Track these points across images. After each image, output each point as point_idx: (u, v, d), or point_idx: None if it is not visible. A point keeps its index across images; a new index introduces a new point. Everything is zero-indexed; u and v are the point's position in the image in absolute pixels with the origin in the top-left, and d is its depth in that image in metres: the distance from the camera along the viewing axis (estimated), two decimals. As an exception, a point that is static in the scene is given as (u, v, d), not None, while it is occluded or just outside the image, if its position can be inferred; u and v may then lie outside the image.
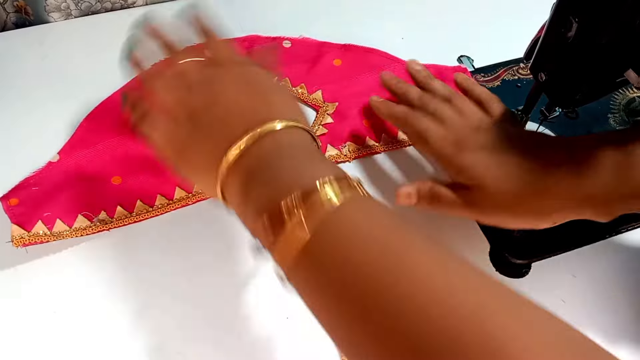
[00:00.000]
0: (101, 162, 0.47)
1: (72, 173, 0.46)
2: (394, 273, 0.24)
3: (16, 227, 0.41)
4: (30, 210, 0.42)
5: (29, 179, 0.45)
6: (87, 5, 0.60)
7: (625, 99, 0.55)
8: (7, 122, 0.51)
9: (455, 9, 0.63)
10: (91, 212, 0.43)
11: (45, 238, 0.41)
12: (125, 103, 0.37)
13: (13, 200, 0.43)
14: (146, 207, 0.45)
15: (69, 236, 0.42)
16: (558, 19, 0.36)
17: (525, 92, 0.46)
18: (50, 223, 0.42)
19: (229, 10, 0.62)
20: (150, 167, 0.46)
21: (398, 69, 0.55)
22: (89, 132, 0.48)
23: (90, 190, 0.45)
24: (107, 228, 0.43)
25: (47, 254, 0.42)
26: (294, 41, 0.57)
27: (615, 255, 0.44)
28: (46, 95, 0.53)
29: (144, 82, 0.36)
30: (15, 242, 0.41)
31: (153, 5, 0.62)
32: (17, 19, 0.60)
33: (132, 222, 0.44)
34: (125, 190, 0.45)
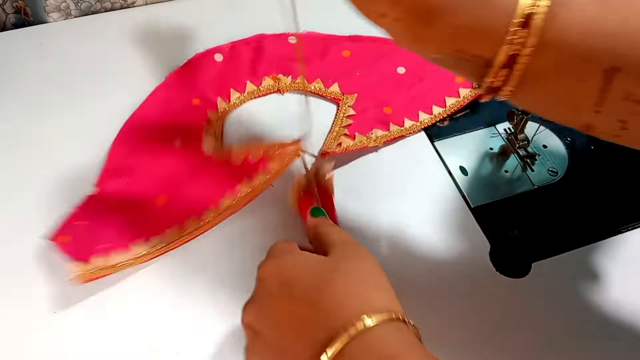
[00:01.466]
0: (141, 186, 0.45)
1: (114, 202, 0.44)
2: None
3: (75, 264, 0.40)
4: (84, 246, 0.41)
5: (72, 216, 0.43)
6: (87, 5, 0.60)
7: (625, 99, 0.55)
8: (7, 122, 0.51)
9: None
10: (145, 238, 0.42)
11: (105, 271, 0.40)
12: None
13: (64, 239, 0.41)
14: (196, 223, 0.43)
15: (128, 266, 0.41)
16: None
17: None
18: (107, 254, 0.41)
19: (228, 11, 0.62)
20: (191, 182, 0.45)
21: (403, 53, 0.55)
22: (121, 158, 0.47)
23: (137, 216, 0.43)
24: (164, 251, 0.42)
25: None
26: (299, 36, 0.57)
27: (615, 255, 0.44)
28: (46, 95, 0.53)
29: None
30: (77, 280, 0.39)
31: (153, 5, 0.62)
32: (17, 20, 0.60)
33: (186, 241, 0.43)
34: (173, 209, 0.44)
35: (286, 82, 0.53)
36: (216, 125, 0.49)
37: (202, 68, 0.53)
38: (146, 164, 0.46)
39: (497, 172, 0.49)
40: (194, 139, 0.48)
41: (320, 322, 0.28)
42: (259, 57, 0.54)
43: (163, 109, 0.50)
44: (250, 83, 0.53)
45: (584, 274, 0.43)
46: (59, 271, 0.40)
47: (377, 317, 0.27)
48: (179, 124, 0.49)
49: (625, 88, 0.27)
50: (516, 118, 0.48)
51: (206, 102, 0.51)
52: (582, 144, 0.51)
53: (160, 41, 0.58)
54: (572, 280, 0.43)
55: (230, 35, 0.58)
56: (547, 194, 0.48)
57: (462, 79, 0.54)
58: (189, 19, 0.61)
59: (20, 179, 0.47)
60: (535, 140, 0.51)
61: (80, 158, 0.49)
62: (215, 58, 0.54)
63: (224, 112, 0.51)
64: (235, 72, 0.53)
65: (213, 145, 0.48)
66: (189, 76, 0.52)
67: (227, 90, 0.52)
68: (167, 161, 0.46)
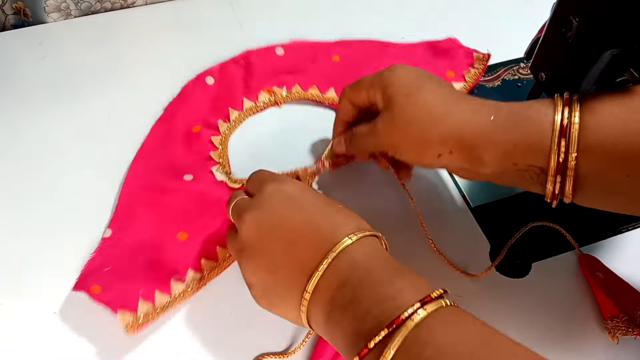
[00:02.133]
0: (159, 224, 0.44)
1: (134, 243, 0.43)
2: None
3: (123, 312, 0.38)
4: (123, 292, 0.39)
5: (92, 261, 0.41)
6: (87, 6, 0.60)
7: (625, 99, 0.55)
8: (7, 122, 0.51)
9: (455, 8, 0.63)
10: (180, 274, 0.41)
11: (154, 315, 0.39)
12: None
13: (95, 288, 0.39)
14: (227, 250, 0.42)
15: (172, 305, 0.39)
16: (558, 19, 0.36)
17: (525, 92, 0.46)
18: (150, 298, 0.39)
19: (228, 11, 0.62)
20: (209, 212, 0.44)
21: (391, 52, 0.56)
22: (132, 197, 0.45)
23: (165, 254, 0.42)
24: (203, 284, 0.41)
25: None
26: (286, 47, 0.57)
27: (615, 255, 0.44)
28: (46, 96, 0.53)
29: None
30: (130, 329, 0.37)
31: (153, 5, 0.62)
32: (16, 21, 0.60)
33: (221, 270, 0.42)
34: (198, 242, 0.43)
35: (282, 94, 0.53)
36: (222, 150, 0.49)
37: (196, 94, 0.52)
38: (158, 202, 0.45)
39: (497, 172, 0.49)
40: (202, 169, 0.47)
41: (306, 248, 0.33)
42: (250, 74, 0.54)
43: (166, 143, 0.49)
44: (247, 100, 0.52)
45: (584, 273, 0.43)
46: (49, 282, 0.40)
47: (354, 236, 0.32)
48: (185, 156, 0.48)
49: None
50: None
51: (207, 126, 0.50)
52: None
53: (161, 41, 0.58)
54: (572, 280, 0.43)
55: (230, 34, 0.58)
56: (547, 194, 0.48)
57: (453, 76, 0.54)
58: (189, 18, 0.61)
59: (20, 179, 0.47)
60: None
61: (80, 158, 0.49)
62: (207, 81, 0.53)
63: (226, 134, 0.50)
64: (230, 92, 0.53)
65: (224, 172, 0.47)
66: (185, 105, 0.52)
67: (225, 111, 0.51)
68: (180, 197, 0.45)
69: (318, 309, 0.31)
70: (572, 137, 0.33)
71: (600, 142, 0.33)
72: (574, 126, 0.33)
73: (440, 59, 0.55)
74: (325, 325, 0.31)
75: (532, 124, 0.34)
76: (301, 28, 0.59)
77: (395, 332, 0.27)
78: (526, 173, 0.36)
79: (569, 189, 0.34)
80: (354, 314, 0.29)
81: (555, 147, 0.33)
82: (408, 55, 0.56)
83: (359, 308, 0.29)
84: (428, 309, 0.27)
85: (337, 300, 0.30)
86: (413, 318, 0.27)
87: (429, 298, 0.28)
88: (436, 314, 0.27)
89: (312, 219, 0.34)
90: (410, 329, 0.27)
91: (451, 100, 0.37)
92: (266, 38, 0.57)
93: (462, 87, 0.53)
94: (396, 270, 0.31)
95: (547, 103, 0.35)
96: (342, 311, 0.30)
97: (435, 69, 0.54)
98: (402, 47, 0.57)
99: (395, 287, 0.29)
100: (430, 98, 0.37)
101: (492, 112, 0.36)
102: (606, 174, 0.33)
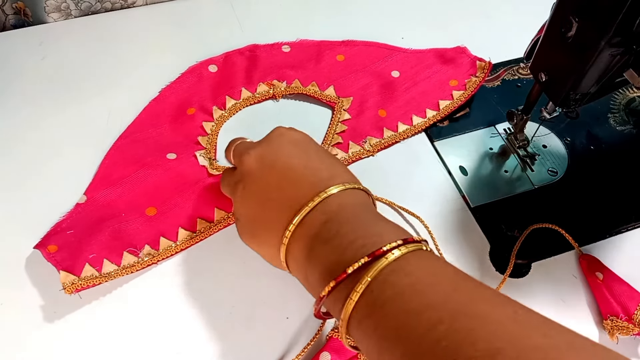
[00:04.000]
0: (132, 196, 0.45)
1: (104, 211, 0.44)
2: (461, 320, 0.24)
3: (65, 274, 0.39)
4: (73, 254, 0.40)
5: (60, 223, 0.43)
6: (87, 5, 0.60)
7: (625, 99, 0.55)
8: (7, 122, 0.51)
9: (455, 8, 0.63)
10: (135, 247, 0.42)
11: (96, 280, 0.39)
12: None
13: (52, 247, 0.41)
14: (189, 234, 0.43)
15: (119, 275, 0.40)
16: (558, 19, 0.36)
17: (525, 92, 0.46)
18: (98, 264, 0.40)
19: (228, 11, 0.62)
20: (183, 193, 0.45)
21: (398, 57, 0.56)
22: (113, 168, 0.46)
23: (128, 225, 0.43)
24: (155, 261, 0.42)
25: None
26: (293, 45, 0.57)
27: (616, 255, 0.44)
28: (46, 96, 0.53)
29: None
30: (68, 290, 0.38)
31: (153, 5, 0.62)
32: (16, 21, 0.60)
33: (178, 251, 0.43)
34: (164, 220, 0.44)
35: (281, 88, 0.53)
36: (210, 136, 0.49)
37: (196, 79, 0.53)
38: (137, 174, 0.46)
39: (497, 172, 0.49)
40: (187, 151, 0.48)
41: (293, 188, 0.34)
42: (253, 66, 0.54)
43: (157, 121, 0.50)
44: (245, 90, 0.53)
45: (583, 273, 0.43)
46: (52, 277, 0.40)
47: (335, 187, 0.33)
48: (172, 136, 0.49)
49: None
50: (516, 118, 0.48)
51: (201, 110, 0.51)
52: (582, 144, 0.51)
53: (161, 41, 0.58)
54: (572, 280, 0.43)
55: (230, 34, 0.59)
56: (547, 194, 0.48)
57: (455, 85, 0.54)
58: (189, 18, 0.61)
59: (19, 179, 0.47)
60: (535, 140, 0.51)
61: (80, 158, 0.49)
62: (210, 69, 0.54)
63: (219, 121, 0.50)
64: (230, 80, 0.53)
65: (207, 158, 0.48)
66: (183, 87, 0.52)
67: (222, 99, 0.52)
68: (158, 173, 0.46)
69: (300, 243, 0.32)
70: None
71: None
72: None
73: (446, 67, 0.55)
74: (305, 260, 0.32)
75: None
76: (301, 28, 0.59)
77: (374, 261, 0.28)
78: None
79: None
80: (336, 246, 0.30)
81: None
82: (414, 62, 0.56)
83: (342, 241, 0.30)
84: (409, 247, 0.28)
85: (321, 234, 0.31)
86: (393, 252, 0.28)
87: (411, 239, 0.29)
88: (415, 253, 0.28)
89: (312, 163, 0.35)
90: (390, 260, 0.27)
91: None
92: (266, 38, 0.57)
93: (460, 95, 0.53)
94: (382, 218, 0.33)
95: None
96: (324, 244, 0.31)
97: (439, 78, 0.55)
98: (411, 53, 0.57)
99: (379, 227, 0.31)
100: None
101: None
102: None
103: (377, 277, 0.27)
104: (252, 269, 0.42)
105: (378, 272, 0.27)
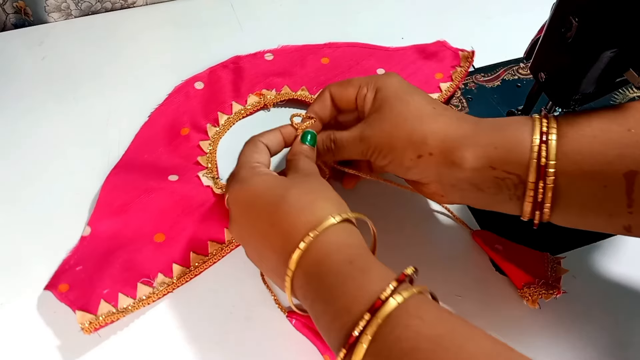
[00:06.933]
0: (138, 223, 0.43)
1: (111, 242, 0.42)
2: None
3: (81, 313, 0.37)
4: (86, 292, 0.39)
5: (68, 260, 0.41)
6: (87, 5, 0.60)
7: (625, 99, 0.55)
8: (7, 122, 0.51)
9: (455, 8, 0.63)
10: (148, 277, 0.40)
11: (114, 317, 0.38)
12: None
13: (63, 287, 0.39)
14: (202, 258, 0.42)
15: (135, 308, 0.39)
16: (558, 19, 0.36)
17: (525, 92, 0.46)
18: (113, 299, 0.38)
19: (228, 11, 0.62)
20: (190, 216, 0.44)
21: (381, 55, 0.57)
22: (114, 195, 0.45)
23: (137, 255, 0.41)
24: (171, 290, 0.40)
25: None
26: (275, 52, 0.57)
27: (615, 255, 0.44)
28: (46, 95, 0.53)
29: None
30: (86, 330, 0.37)
31: (153, 5, 0.62)
32: (17, 20, 0.60)
33: (192, 276, 0.41)
34: (174, 245, 0.42)
35: (271, 96, 0.53)
36: (210, 155, 0.49)
37: (183, 98, 0.52)
38: (140, 200, 0.44)
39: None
40: (188, 172, 0.47)
41: (278, 235, 0.33)
42: (239, 78, 0.54)
43: (152, 146, 0.49)
44: (236, 103, 0.52)
45: (584, 274, 0.43)
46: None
47: (321, 226, 0.32)
48: (170, 159, 0.48)
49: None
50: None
51: (195, 129, 0.50)
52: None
53: (161, 41, 0.58)
54: (572, 280, 0.43)
55: (230, 34, 0.59)
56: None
57: (441, 77, 0.54)
58: (189, 18, 0.61)
59: (20, 178, 0.47)
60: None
61: (80, 158, 0.49)
62: (196, 86, 0.53)
63: (215, 138, 0.50)
64: (219, 95, 0.53)
65: (211, 177, 0.47)
66: (172, 108, 0.51)
67: (214, 115, 0.51)
68: (162, 197, 0.45)
69: (301, 286, 0.32)
70: (550, 145, 0.33)
71: (578, 151, 0.33)
72: (552, 135, 0.34)
73: (430, 61, 0.56)
74: (307, 304, 0.32)
75: (513, 130, 0.35)
76: (301, 28, 0.59)
77: (375, 315, 0.28)
78: (503, 183, 0.35)
79: (549, 199, 0.34)
80: (333, 305, 0.30)
81: (535, 152, 0.33)
82: (398, 59, 0.56)
83: (338, 300, 0.30)
84: (404, 294, 0.28)
85: (318, 287, 0.31)
86: (390, 300, 0.28)
87: (402, 277, 0.29)
88: (413, 298, 0.28)
89: (289, 192, 0.34)
90: (390, 311, 0.28)
91: (439, 106, 0.38)
92: (266, 38, 0.57)
93: (448, 86, 0.53)
94: (374, 264, 0.31)
95: (526, 117, 0.36)
96: (322, 300, 0.31)
97: (424, 72, 0.55)
98: (393, 50, 0.57)
99: (373, 279, 0.30)
100: (421, 101, 0.38)
101: (476, 120, 0.37)
102: (583, 185, 0.33)
103: (380, 328, 0.27)
104: (252, 269, 0.42)
105: (378, 327, 0.27)
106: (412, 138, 0.37)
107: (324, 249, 0.31)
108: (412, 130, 0.37)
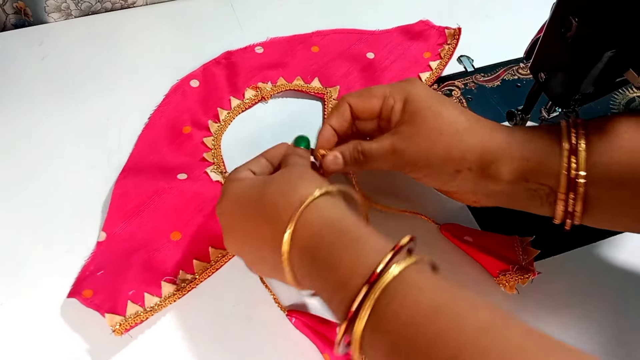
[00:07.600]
0: (153, 224, 0.44)
1: (128, 244, 0.43)
2: (455, 336, 0.25)
3: (110, 316, 0.38)
4: (112, 295, 0.39)
5: (87, 267, 0.41)
6: (87, 5, 0.60)
7: (625, 99, 0.55)
8: (7, 122, 0.51)
9: (455, 8, 0.63)
10: (171, 275, 0.41)
11: (143, 316, 0.38)
12: None
13: (87, 292, 0.39)
14: (221, 252, 0.42)
15: (162, 307, 0.39)
16: (558, 19, 0.36)
17: (525, 92, 0.46)
18: (139, 300, 0.39)
19: (228, 10, 0.62)
20: (203, 211, 0.44)
21: (368, 39, 0.58)
22: (125, 198, 0.45)
23: (157, 254, 0.42)
24: (195, 285, 0.41)
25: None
26: (264, 44, 0.57)
27: (615, 255, 0.44)
28: (46, 96, 0.53)
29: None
30: (117, 331, 0.37)
31: (153, 6, 0.62)
32: (17, 20, 0.60)
33: (214, 271, 0.42)
34: (191, 241, 0.43)
35: (267, 88, 0.53)
36: (214, 150, 0.49)
37: (180, 97, 0.53)
38: (152, 201, 0.45)
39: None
40: (196, 169, 0.47)
41: (267, 225, 0.33)
42: (233, 73, 0.54)
43: (155, 147, 0.49)
44: (234, 98, 0.53)
45: (584, 274, 0.43)
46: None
47: (305, 202, 0.31)
48: (176, 157, 0.48)
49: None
50: (516, 118, 0.48)
51: (197, 127, 0.50)
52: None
53: (161, 41, 0.58)
54: (572, 280, 0.43)
55: (230, 34, 0.59)
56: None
57: (429, 56, 0.56)
58: (189, 18, 0.61)
59: (20, 178, 0.47)
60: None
61: (80, 158, 0.49)
62: (192, 84, 0.53)
63: (218, 134, 0.50)
64: (216, 92, 0.53)
65: (219, 172, 0.47)
66: (170, 107, 0.52)
67: (214, 111, 0.52)
68: (174, 195, 0.45)
69: (298, 265, 0.32)
70: (580, 155, 0.34)
71: (606, 161, 0.34)
72: (581, 145, 0.34)
73: (416, 41, 0.57)
74: (308, 280, 0.32)
75: (543, 142, 0.36)
76: (301, 28, 0.59)
77: (373, 287, 0.27)
78: (536, 193, 0.36)
79: (579, 208, 0.35)
80: (331, 277, 0.30)
81: (565, 164, 0.34)
82: (385, 42, 0.58)
83: (337, 270, 0.30)
84: (401, 264, 0.28)
85: (315, 259, 0.31)
86: (387, 272, 0.28)
87: (398, 247, 0.29)
88: (410, 268, 0.28)
89: (268, 189, 0.34)
90: (387, 283, 0.27)
91: (471, 117, 0.38)
92: (266, 38, 0.57)
93: (438, 64, 0.55)
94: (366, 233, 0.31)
95: (555, 126, 0.36)
96: (321, 272, 0.30)
97: (412, 53, 0.56)
98: (379, 33, 0.59)
99: (360, 248, 0.30)
100: (454, 112, 0.38)
101: (507, 130, 0.37)
102: (613, 193, 0.35)
103: (379, 300, 0.27)
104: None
105: (376, 300, 0.27)
106: (451, 154, 0.37)
107: (314, 224, 0.31)
108: (449, 147, 0.37)
